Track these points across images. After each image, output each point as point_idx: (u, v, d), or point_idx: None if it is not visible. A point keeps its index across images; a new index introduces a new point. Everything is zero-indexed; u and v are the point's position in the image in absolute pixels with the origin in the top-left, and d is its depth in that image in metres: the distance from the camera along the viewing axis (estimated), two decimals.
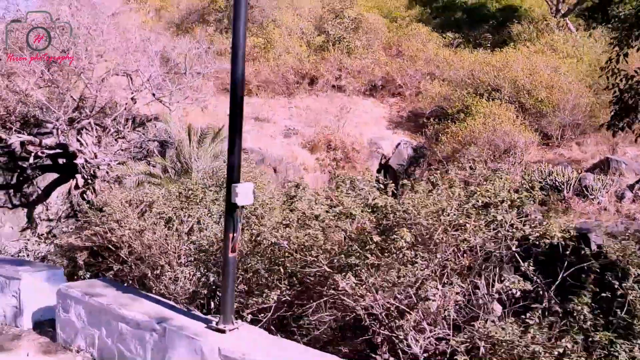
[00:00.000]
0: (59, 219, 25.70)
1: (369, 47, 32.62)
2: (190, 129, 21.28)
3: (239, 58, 5.46)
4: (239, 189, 5.51)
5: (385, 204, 5.27)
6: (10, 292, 7.46)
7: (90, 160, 22.03)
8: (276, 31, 32.71)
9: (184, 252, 7.43)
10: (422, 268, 4.82)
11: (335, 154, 26.16)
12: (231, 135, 5.73)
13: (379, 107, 32.36)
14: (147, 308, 6.21)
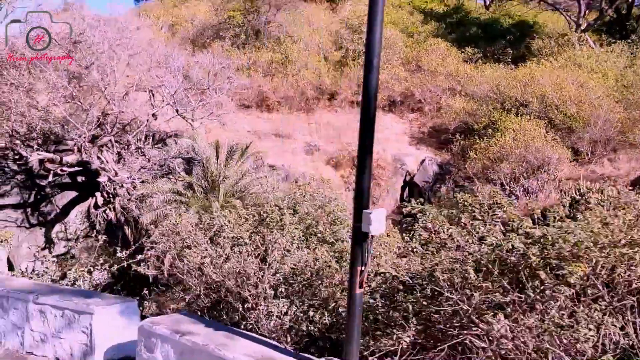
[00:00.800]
0: (77, 238, 24.97)
1: (388, 63, 32.17)
2: (218, 145, 20.68)
3: (373, 66, 4.85)
4: (373, 215, 4.88)
5: (545, 233, 4.65)
6: (79, 328, 6.78)
7: (114, 179, 21.36)
8: (294, 47, 32.30)
9: (270, 282, 6.76)
10: (601, 308, 4.21)
11: None
12: (361, 154, 5.11)
13: (399, 122, 31.87)
14: (249, 349, 5.53)
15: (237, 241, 7.48)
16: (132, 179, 21.20)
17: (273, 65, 31.87)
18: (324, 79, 30.62)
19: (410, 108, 32.94)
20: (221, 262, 7.25)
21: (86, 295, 7.28)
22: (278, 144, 27.95)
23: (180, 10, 40.83)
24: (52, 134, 22.26)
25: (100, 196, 24.91)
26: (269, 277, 6.75)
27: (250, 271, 6.74)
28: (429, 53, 32.87)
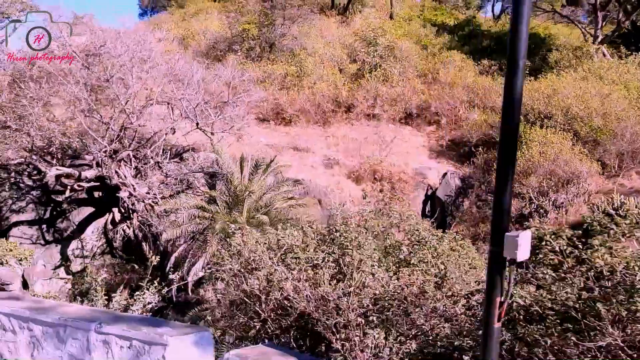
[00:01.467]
0: (94, 255, 24.33)
1: (404, 75, 31.85)
2: (243, 160, 20.16)
3: (519, 69, 4.32)
4: (520, 239, 4.32)
5: None
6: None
7: (135, 194, 20.79)
8: (308, 59, 31.94)
9: (355, 308, 6.19)
10: None
11: (382, 184, 25.02)
12: (502, 167, 4.54)
13: (417, 135, 31.43)
14: None
15: (311, 262, 6.92)
16: (154, 194, 20.60)
17: (288, 78, 31.48)
18: (340, 92, 30.18)
19: (427, 121, 32.52)
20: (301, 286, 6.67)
21: (154, 323, 6.67)
22: (297, 158, 27.45)
23: (189, 23, 40.56)
24: (69, 148, 21.73)
25: (118, 212, 24.35)
26: (354, 303, 6.18)
27: (333, 296, 6.17)
28: (445, 65, 32.50)
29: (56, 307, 7.47)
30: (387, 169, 25.18)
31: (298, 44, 32.49)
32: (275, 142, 29.19)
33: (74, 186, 22.45)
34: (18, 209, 23.74)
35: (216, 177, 20.79)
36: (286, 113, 29.84)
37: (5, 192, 24.00)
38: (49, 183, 24.25)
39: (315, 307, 6.53)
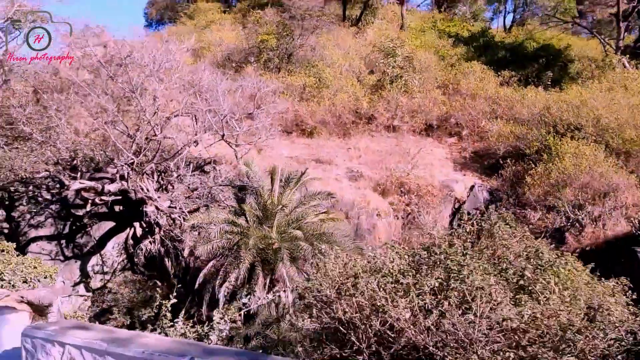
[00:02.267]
0: (114, 271, 23.55)
1: (424, 86, 31.39)
2: (274, 172, 19.52)
3: None
4: None
5: None
6: None
7: (161, 208, 20.11)
8: (327, 70, 31.45)
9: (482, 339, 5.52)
10: None
11: (409, 197, 24.39)
12: None
13: (438, 147, 30.88)
14: None
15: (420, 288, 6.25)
16: (180, 208, 19.91)
17: (306, 89, 30.97)
18: (361, 103, 29.67)
19: (448, 132, 32.03)
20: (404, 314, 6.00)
21: (250, 357, 6.00)
22: (320, 171, 26.80)
23: (203, 34, 40.11)
24: (92, 161, 21.07)
25: (140, 227, 23.63)
26: (480, 333, 5.52)
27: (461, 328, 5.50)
28: (466, 76, 32.06)
29: (134, 338, 6.78)
30: (415, 181, 24.53)
31: (316, 55, 32.01)
32: (296, 154, 28.60)
33: (95, 200, 21.76)
34: (37, 223, 23.00)
35: (245, 191, 20.08)
36: (306, 125, 29.27)
37: (23, 206, 23.28)
38: (68, 197, 23.55)
39: (441, 340, 5.84)
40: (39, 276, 17.81)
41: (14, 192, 22.86)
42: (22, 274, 17.12)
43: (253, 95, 23.15)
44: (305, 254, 18.12)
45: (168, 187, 22.65)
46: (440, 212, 25.71)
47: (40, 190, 22.98)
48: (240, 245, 18.86)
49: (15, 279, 16.63)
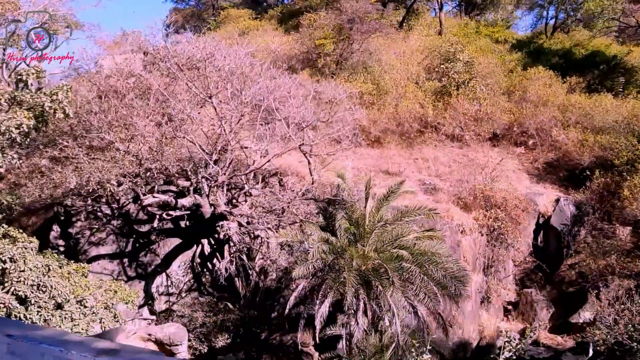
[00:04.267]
0: (180, 292, 21.71)
1: (490, 93, 29.72)
2: (369, 186, 17.75)
3: None
4: None
5: None
6: None
7: (244, 224, 18.33)
8: (386, 76, 29.78)
9: None
10: None
11: (495, 212, 22.59)
12: None
13: (506, 157, 29.06)
14: None
15: None
16: (267, 225, 18.12)
17: (365, 95, 29.27)
18: (427, 111, 27.96)
19: (513, 141, 30.27)
20: None
21: None
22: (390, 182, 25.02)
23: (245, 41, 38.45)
24: (163, 173, 19.29)
25: (208, 244, 21.86)
26: None
27: None
28: (532, 82, 30.39)
29: None
30: (500, 195, 22.75)
31: (373, 60, 30.36)
32: (361, 165, 26.84)
33: (162, 215, 19.99)
34: (97, 241, 21.23)
35: (335, 205, 18.28)
36: (369, 134, 27.52)
37: (81, 221, 21.51)
38: (130, 212, 21.79)
39: None
40: (121, 301, 16.12)
41: (70, 206, 21.10)
42: (102, 298, 15.44)
43: (329, 101, 21.41)
44: (412, 277, 16.34)
45: (239, 201, 20.89)
46: (523, 227, 23.94)
47: (100, 204, 21.20)
48: (335, 265, 17.08)
49: (97, 305, 14.91)
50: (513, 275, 23.86)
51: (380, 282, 16.14)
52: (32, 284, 12.60)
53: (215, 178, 18.83)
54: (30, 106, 13.20)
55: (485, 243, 23.01)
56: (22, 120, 12.50)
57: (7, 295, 12.08)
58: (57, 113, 13.30)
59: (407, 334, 16.46)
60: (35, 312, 12.68)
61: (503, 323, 22.97)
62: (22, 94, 12.93)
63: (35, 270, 12.93)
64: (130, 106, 16.35)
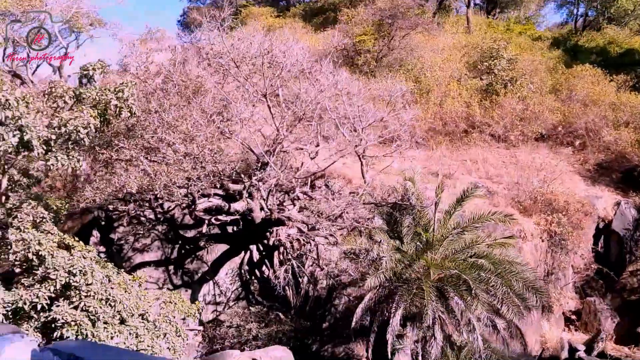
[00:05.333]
0: (227, 301, 20.60)
1: (536, 91, 28.58)
2: (440, 189, 16.61)
3: None
4: None
5: None
6: None
7: (303, 229, 17.20)
8: (429, 74, 28.64)
9: None
10: None
11: (558, 216, 21.42)
12: None
13: (554, 158, 27.87)
14: None
15: None
16: (330, 232, 16.99)
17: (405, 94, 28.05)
18: (474, 110, 26.80)
19: (560, 142, 29.07)
20: None
21: None
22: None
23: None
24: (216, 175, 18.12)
25: (257, 250, 20.76)
26: None
27: None
28: (578, 80, 29.23)
29: None
30: (562, 198, 21.59)
31: (413, 56, 29.22)
32: (408, 167, 25.67)
33: (211, 220, 18.87)
34: (142, 247, 20.14)
35: (402, 210, 17.13)
36: (415, 134, 26.30)
37: (123, 226, 20.41)
38: (175, 216, 20.67)
39: None
40: (182, 315, 15.04)
41: (112, 210, 20.00)
42: (162, 311, 14.35)
43: (383, 99, 20.29)
44: (492, 288, 15.21)
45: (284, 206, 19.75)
46: (585, 232, 22.78)
47: (143, 209, 20.08)
48: (402, 275, 15.94)
49: (159, 319, 13.81)
50: (573, 283, 22.67)
51: (459, 294, 15.02)
52: (100, 298, 11.50)
53: (276, 181, 17.68)
54: (94, 104, 12.09)
55: (545, 249, 21.84)
56: (89, 120, 11.38)
57: (76, 312, 10.97)
58: (123, 111, 12.18)
59: (487, 349, 15.31)
60: (102, 328, 11.56)
61: (565, 333, 21.82)
62: (87, 91, 11.81)
63: (103, 283, 11.84)
64: (188, 105, 15.21)
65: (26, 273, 12.38)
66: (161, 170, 13.42)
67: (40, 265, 11.83)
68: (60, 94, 11.73)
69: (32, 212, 12.03)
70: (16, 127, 10.24)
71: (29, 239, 11.39)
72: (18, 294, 10.48)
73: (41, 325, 11.11)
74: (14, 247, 11.43)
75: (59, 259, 11.12)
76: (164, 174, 13.34)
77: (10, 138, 9.96)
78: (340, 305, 20.97)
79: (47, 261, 11.50)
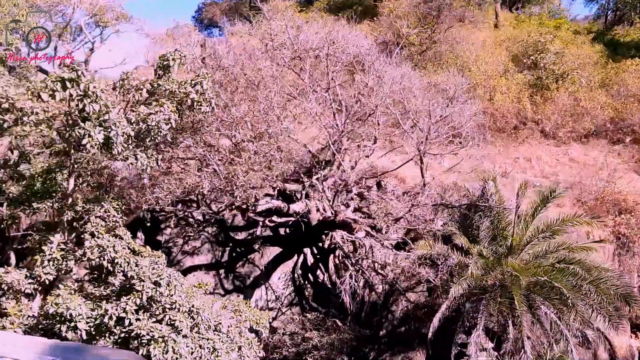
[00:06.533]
0: (281, 307, 19.52)
1: (587, 86, 27.40)
2: (523, 190, 15.48)
3: None
4: None
5: None
6: None
7: (373, 233, 16.10)
8: (475, 68, 27.46)
9: None
10: None
11: (627, 218, 20.27)
12: None
13: (608, 156, 26.66)
14: None
15: None
16: (402, 237, 15.89)
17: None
18: (524, 105, 25.64)
19: (609, 138, 27.87)
20: None
21: None
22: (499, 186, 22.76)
23: None
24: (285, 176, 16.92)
25: (310, 253, 19.67)
26: None
27: None
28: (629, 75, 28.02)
29: None
30: (632, 198, 20.44)
31: (459, 50, 28.05)
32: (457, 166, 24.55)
33: (266, 222, 17.79)
34: (191, 250, 19.07)
35: (477, 213, 15.99)
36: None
37: (170, 228, 19.37)
38: (225, 218, 19.58)
39: None
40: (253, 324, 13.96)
41: (158, 211, 18.94)
42: (233, 321, 13.30)
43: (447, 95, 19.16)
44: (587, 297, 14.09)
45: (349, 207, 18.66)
46: None
47: (190, 209, 19.00)
48: (482, 281, 14.83)
49: (232, 330, 12.76)
50: (638, 288, 21.49)
51: (551, 303, 13.91)
52: (184, 310, 10.44)
53: (334, 181, 16.59)
54: (170, 97, 11.00)
55: (612, 252, 20.70)
56: (169, 114, 10.31)
57: (162, 326, 9.90)
58: (203, 105, 11.10)
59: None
60: (183, 343, 10.48)
61: (633, 340, 20.68)
62: (167, 83, 10.71)
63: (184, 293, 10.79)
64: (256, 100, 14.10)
65: (96, 282, 11.37)
66: (239, 171, 12.30)
67: (112, 273, 10.82)
68: (136, 87, 10.63)
69: (104, 216, 10.95)
70: (99, 122, 9.17)
71: (105, 246, 10.34)
72: (103, 308, 9.41)
73: (121, 341, 10.06)
74: (88, 254, 10.36)
75: (144, 268, 10.07)
76: (241, 175, 12.21)
77: (97, 134, 8.88)
78: (398, 311, 19.92)
79: (124, 268, 10.46)
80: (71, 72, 8.43)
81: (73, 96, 8.37)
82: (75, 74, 8.44)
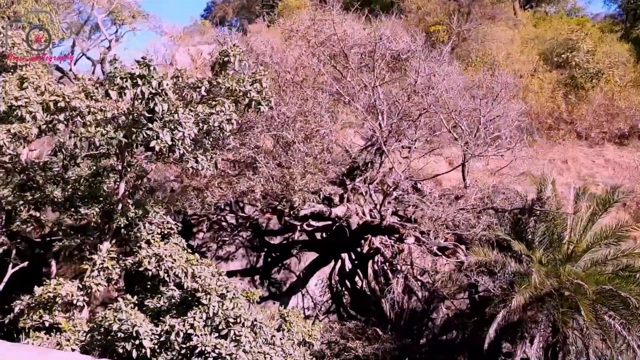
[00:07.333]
0: (317, 315, 18.79)
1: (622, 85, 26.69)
2: (582, 192, 14.74)
3: None
4: None
5: None
6: None
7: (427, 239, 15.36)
8: (506, 66, 26.69)
9: None
10: None
11: None
12: None
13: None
14: None
15: None
16: (458, 243, 15.15)
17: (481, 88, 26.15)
18: (559, 105, 24.92)
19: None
20: None
21: None
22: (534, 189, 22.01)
23: None
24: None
25: (348, 259, 18.95)
26: None
27: None
28: None
29: None
30: None
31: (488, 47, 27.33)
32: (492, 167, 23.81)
33: (303, 226, 17.08)
34: (226, 255, 18.35)
35: (532, 217, 15.25)
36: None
37: (203, 232, 18.66)
38: (259, 222, 18.86)
39: None
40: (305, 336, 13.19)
41: (191, 215, 18.25)
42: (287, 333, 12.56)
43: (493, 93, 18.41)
44: None
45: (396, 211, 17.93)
46: None
47: (224, 213, 18.32)
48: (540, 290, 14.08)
49: (286, 344, 12.01)
50: None
51: (618, 313, 13.18)
52: (247, 325, 9.71)
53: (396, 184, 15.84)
54: (227, 95, 10.28)
55: None
56: (230, 115, 9.59)
57: (226, 343, 9.18)
58: (262, 105, 10.36)
59: None
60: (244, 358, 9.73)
61: None
62: (227, 81, 9.98)
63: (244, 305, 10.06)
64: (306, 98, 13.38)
65: (149, 292, 10.65)
66: (295, 174, 11.58)
67: (166, 284, 10.11)
68: (194, 85, 9.90)
69: (159, 222, 10.23)
70: (164, 122, 8.44)
71: (163, 255, 9.62)
72: (167, 324, 8.68)
73: (181, 357, 9.34)
74: (145, 264, 9.63)
75: (206, 279, 9.35)
76: (299, 179, 11.49)
77: (165, 136, 8.16)
78: (438, 319, 19.21)
79: (181, 279, 9.75)
80: (142, 68, 7.70)
81: (145, 94, 7.65)
82: (147, 70, 7.72)
